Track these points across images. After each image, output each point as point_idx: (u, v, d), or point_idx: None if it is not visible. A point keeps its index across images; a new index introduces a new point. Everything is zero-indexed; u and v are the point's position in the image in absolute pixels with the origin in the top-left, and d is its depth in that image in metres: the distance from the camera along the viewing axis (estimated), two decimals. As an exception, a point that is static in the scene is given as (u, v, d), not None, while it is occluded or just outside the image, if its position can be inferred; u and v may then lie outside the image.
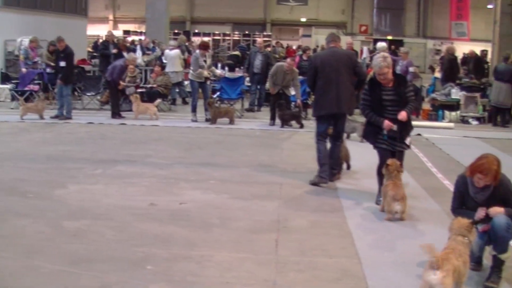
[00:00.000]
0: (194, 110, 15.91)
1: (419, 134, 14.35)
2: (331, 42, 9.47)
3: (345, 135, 13.23)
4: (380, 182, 8.27)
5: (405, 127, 8.06)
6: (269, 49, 21.42)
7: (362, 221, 7.50)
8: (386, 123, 7.95)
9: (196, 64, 15.74)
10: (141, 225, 6.99)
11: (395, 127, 7.95)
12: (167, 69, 19.06)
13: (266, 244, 6.49)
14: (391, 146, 8.07)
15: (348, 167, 10.35)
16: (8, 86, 19.53)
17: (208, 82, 16.31)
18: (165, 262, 5.85)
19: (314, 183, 9.19)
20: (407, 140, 8.21)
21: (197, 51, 16.43)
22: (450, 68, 19.82)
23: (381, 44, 17.79)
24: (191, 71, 16.12)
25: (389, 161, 7.89)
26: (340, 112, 9.16)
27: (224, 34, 43.75)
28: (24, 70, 19.18)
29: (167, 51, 20.12)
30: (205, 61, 15.87)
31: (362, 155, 10.25)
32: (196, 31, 43.29)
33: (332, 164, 9.38)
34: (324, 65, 9.11)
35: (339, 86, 8.99)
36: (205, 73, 15.85)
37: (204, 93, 16.08)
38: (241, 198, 8.38)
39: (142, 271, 5.59)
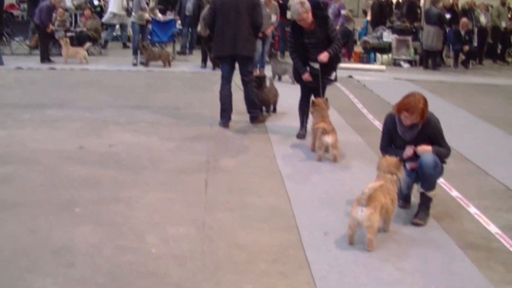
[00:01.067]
0: (135, 52, 15.59)
1: (350, 76, 14.45)
2: None
3: (276, 77, 13.30)
4: (302, 117, 8.48)
5: (330, 63, 8.08)
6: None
7: (290, 161, 7.50)
8: (306, 76, 8.14)
9: (138, 6, 15.40)
10: (69, 168, 6.82)
11: (317, 65, 8.01)
12: (109, 10, 18.61)
13: (195, 184, 6.43)
14: (314, 82, 8.13)
15: (274, 110, 10.28)
16: None
17: (149, 26, 16.02)
18: (93, 204, 5.72)
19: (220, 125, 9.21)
20: (332, 75, 8.26)
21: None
22: (380, 11, 19.93)
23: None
24: (133, 14, 15.79)
25: (315, 99, 7.93)
26: (238, 53, 8.94)
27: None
28: None
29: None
30: (147, 3, 15.55)
31: (293, 96, 10.26)
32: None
33: (249, 107, 9.36)
34: (224, 5, 8.88)
35: (238, 28, 8.79)
36: (147, 15, 15.54)
37: (142, 36, 15.78)
38: (171, 139, 8.28)
39: (70, 214, 5.46)
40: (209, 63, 15.32)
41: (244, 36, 8.85)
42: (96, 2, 21.32)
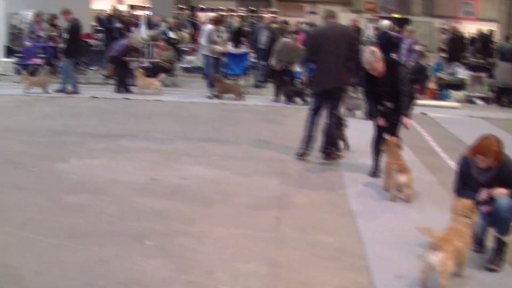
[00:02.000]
0: (209, 85, 15.78)
1: (424, 113, 14.24)
2: (328, 17, 9.34)
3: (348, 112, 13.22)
4: (375, 155, 8.43)
5: (404, 102, 8.05)
6: (275, 25, 21.26)
7: (363, 199, 7.42)
8: (380, 122, 8.21)
9: (210, 39, 15.62)
10: (141, 200, 6.93)
11: (389, 104, 8.05)
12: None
13: (266, 221, 6.42)
14: (388, 121, 8.17)
15: (346, 146, 10.20)
16: (12, 59, 19.45)
17: (223, 58, 16.23)
18: (163, 237, 5.78)
19: (297, 155, 9.31)
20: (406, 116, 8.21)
21: (210, 26, 16.24)
22: (454, 47, 19.68)
23: (384, 22, 17.65)
24: (205, 46, 16.01)
25: (388, 137, 7.87)
26: (336, 86, 9.01)
27: (229, 10, 43.37)
28: (28, 43, 19.11)
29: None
30: (219, 36, 15.76)
31: (365, 132, 10.16)
32: (201, 6, 42.92)
33: (326, 143, 9.33)
34: (324, 39, 8.97)
35: (337, 61, 8.85)
36: (219, 48, 15.74)
37: (216, 69, 15.97)
38: (242, 174, 8.31)
39: (141, 246, 5.53)
40: (282, 97, 15.36)
41: (342, 68, 8.94)
42: (171, 34, 21.73)
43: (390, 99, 8.03)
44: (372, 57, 7.86)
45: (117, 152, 9.28)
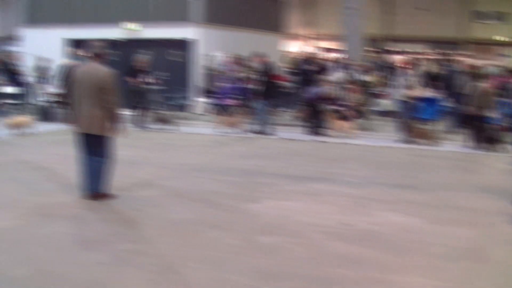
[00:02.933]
0: (400, 129, 15.66)
1: None
2: None
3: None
4: None
5: None
6: (469, 68, 20.70)
7: None
8: None
9: (402, 82, 15.55)
10: (332, 244, 6.94)
11: None
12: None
13: (462, 273, 6.17)
14: None
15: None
16: (208, 100, 20.45)
17: (414, 102, 16.06)
18: (353, 284, 5.73)
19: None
20: None
21: (402, 69, 16.20)
22: None
23: None
24: (397, 90, 15.96)
25: None
26: None
27: (421, 53, 42.84)
28: (223, 84, 20.02)
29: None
30: (411, 80, 15.65)
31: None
32: (395, 49, 42.76)
33: None
34: None
35: None
36: (412, 92, 15.61)
37: (407, 113, 15.82)
38: (435, 222, 8.06)
39: (331, 292, 5.55)
40: (477, 143, 14.85)
41: None
42: (364, 77, 21.80)
43: None
44: None
45: (309, 195, 9.40)
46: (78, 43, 21.38)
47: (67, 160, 11.28)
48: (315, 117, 16.44)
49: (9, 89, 20.66)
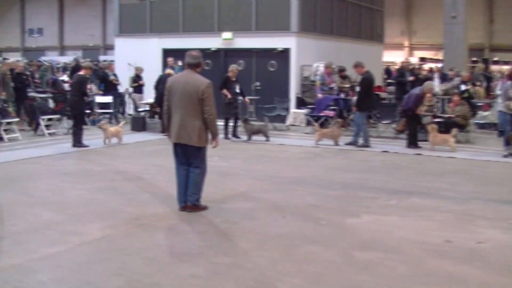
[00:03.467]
0: (506, 143, 15.22)
1: None
2: None
3: None
4: None
5: None
6: None
7: None
8: None
9: (506, 95, 15.13)
10: (434, 262, 6.78)
11: None
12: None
13: None
14: None
15: None
16: (304, 111, 20.48)
17: None
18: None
19: None
20: None
21: (506, 81, 15.75)
22: None
23: None
24: (500, 102, 15.55)
25: None
26: None
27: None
28: (319, 95, 20.02)
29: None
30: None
31: None
32: (495, 59, 41.65)
33: None
34: None
35: None
36: None
37: (511, 126, 15.38)
38: (546, 242, 7.80)
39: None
40: None
41: None
42: (464, 88, 21.36)
43: None
44: None
45: (409, 210, 9.24)
46: (174, 53, 21.87)
47: (162, 171, 11.58)
48: (414, 129, 16.19)
49: (104, 99, 21.31)
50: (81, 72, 15.73)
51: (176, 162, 8.91)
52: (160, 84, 17.33)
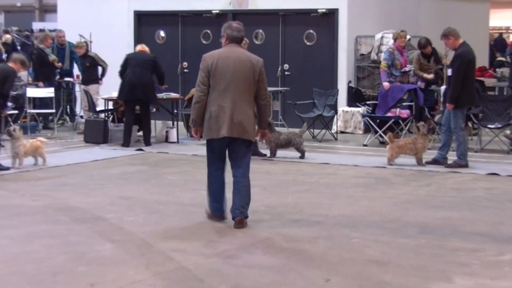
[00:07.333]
0: None
1: None
2: None
3: None
4: None
5: None
6: None
7: None
8: None
9: None
10: None
11: None
12: None
13: None
14: None
15: None
16: (360, 109, 20.28)
17: None
18: None
19: None
20: None
21: None
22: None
23: None
24: None
25: None
26: None
27: None
28: (386, 84, 19.34)
29: None
30: None
31: None
32: None
33: None
34: None
35: None
36: None
37: None
38: None
39: None
40: None
41: None
42: None
43: None
44: None
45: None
46: (153, 19, 21.74)
47: (135, 207, 11.61)
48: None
49: (42, 92, 21.29)
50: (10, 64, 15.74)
51: (213, 164, 10.55)
52: (128, 68, 17.30)
